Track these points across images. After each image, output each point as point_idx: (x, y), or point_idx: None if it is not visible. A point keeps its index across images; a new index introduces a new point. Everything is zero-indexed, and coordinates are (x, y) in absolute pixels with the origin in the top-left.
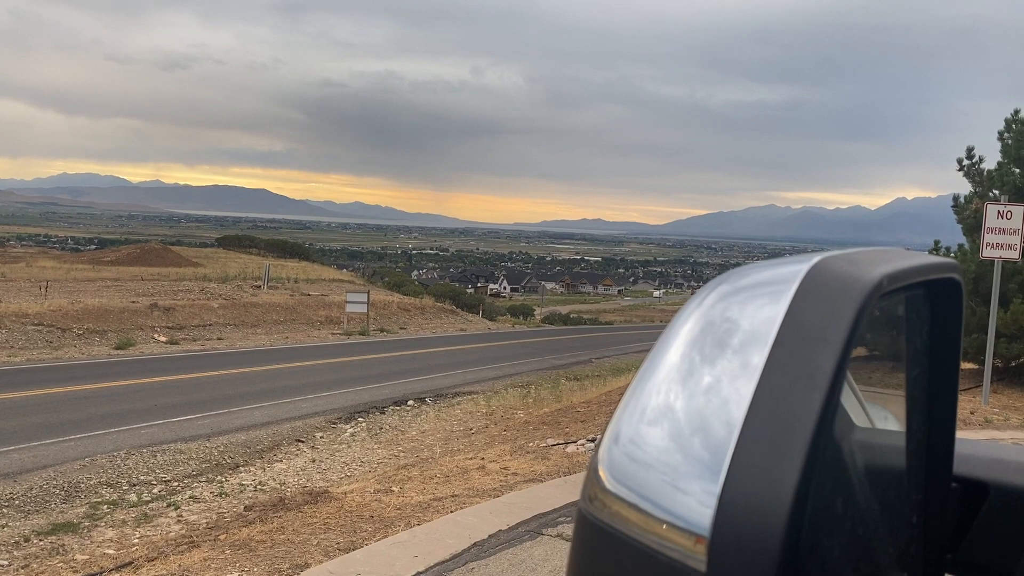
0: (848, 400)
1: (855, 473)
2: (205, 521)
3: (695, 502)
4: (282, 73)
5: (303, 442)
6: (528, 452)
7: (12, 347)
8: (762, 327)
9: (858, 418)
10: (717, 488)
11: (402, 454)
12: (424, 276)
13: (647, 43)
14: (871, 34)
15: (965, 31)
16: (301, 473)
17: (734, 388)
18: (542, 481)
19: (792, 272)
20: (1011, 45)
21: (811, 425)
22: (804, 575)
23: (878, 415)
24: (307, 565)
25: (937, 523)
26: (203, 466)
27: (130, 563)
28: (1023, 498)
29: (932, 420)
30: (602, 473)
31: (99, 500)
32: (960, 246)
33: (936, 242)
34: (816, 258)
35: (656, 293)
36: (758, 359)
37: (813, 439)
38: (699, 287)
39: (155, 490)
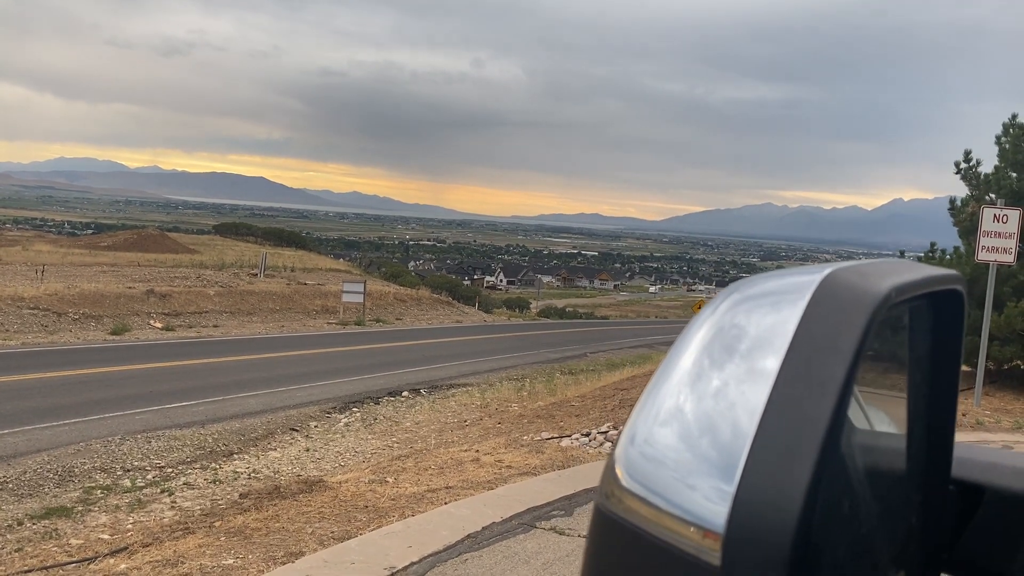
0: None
1: (859, 475)
2: (199, 508)
3: (702, 497)
4: (282, 61)
5: (297, 431)
6: (522, 445)
7: (7, 331)
8: (774, 336)
9: (858, 421)
10: (731, 487)
11: (396, 445)
12: (421, 267)
13: (648, 39)
14: (871, 34)
15: (967, 33)
16: (295, 462)
17: (740, 392)
18: (536, 475)
19: (804, 282)
20: (1013, 49)
21: (822, 430)
22: (811, 571)
23: (881, 419)
24: (302, 553)
25: (935, 524)
26: (197, 453)
27: (125, 548)
28: (1017, 501)
29: (932, 425)
30: (619, 471)
31: (93, 485)
32: (956, 248)
33: (932, 244)
34: (828, 269)
35: (652, 289)
36: (770, 366)
37: (824, 444)
38: (694, 284)
39: (149, 476)
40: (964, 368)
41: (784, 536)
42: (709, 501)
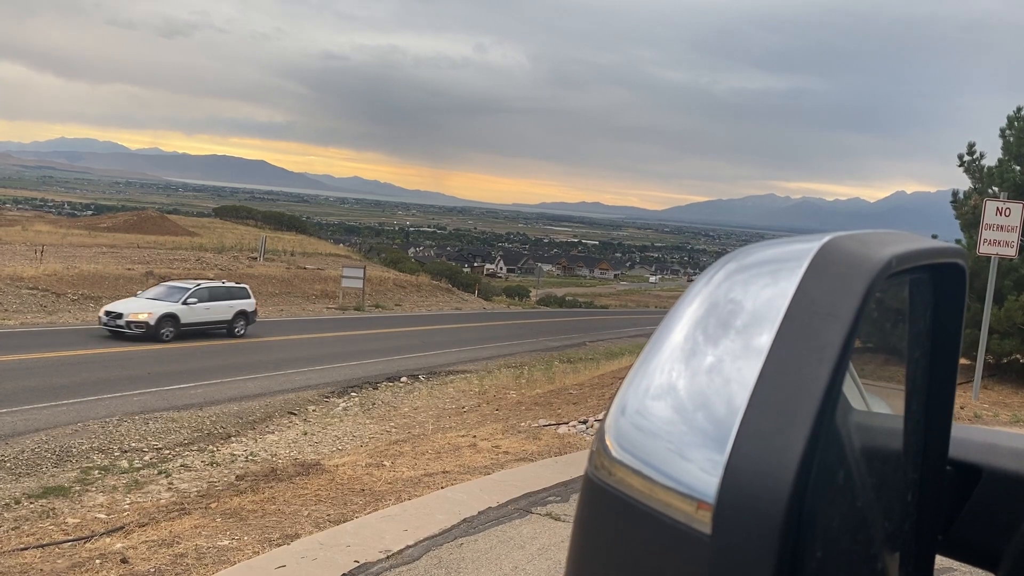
0: (846, 383)
1: (856, 449)
2: (196, 489)
3: (697, 469)
4: (284, 44)
5: (295, 415)
6: (520, 432)
7: (6, 310)
8: (770, 304)
9: (855, 400)
10: (723, 456)
11: (394, 429)
12: (421, 254)
13: (653, 27)
14: (877, 25)
15: (972, 26)
16: (293, 445)
17: (736, 368)
18: (533, 461)
19: (803, 250)
20: (1018, 42)
21: (818, 397)
22: (805, 541)
23: (878, 396)
24: (297, 535)
25: (931, 504)
26: (195, 435)
27: (121, 528)
28: (1014, 482)
29: (931, 403)
30: (609, 442)
31: (90, 465)
32: (957, 242)
33: (934, 236)
34: (827, 237)
35: (652, 279)
36: (766, 336)
37: (819, 411)
38: (695, 274)
39: (146, 457)
40: (963, 361)
41: (777, 504)
42: (703, 472)
